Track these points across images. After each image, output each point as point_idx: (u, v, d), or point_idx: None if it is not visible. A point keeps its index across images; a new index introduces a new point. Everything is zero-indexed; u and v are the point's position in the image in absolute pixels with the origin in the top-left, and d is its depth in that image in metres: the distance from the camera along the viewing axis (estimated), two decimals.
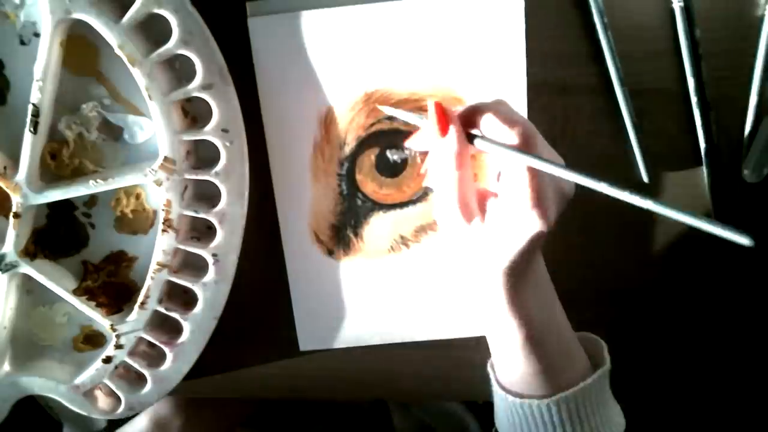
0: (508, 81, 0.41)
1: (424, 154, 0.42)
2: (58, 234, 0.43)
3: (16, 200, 0.40)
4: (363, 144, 0.42)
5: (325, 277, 0.45)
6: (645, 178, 0.42)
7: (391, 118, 0.41)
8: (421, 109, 0.41)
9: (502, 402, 0.37)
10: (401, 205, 0.43)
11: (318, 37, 0.40)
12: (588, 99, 0.42)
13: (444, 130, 0.32)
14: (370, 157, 0.42)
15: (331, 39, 0.40)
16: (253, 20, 0.39)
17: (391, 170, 0.42)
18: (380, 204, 0.43)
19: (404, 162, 0.42)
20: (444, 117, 0.32)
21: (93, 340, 0.46)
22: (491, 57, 0.40)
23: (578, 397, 0.34)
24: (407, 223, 0.43)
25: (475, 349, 0.47)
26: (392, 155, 0.42)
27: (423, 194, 0.43)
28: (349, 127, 0.42)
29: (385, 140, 0.42)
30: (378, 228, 0.44)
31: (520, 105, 0.41)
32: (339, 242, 0.44)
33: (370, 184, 0.43)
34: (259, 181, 0.42)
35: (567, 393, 0.34)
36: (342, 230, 0.44)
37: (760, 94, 0.41)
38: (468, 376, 0.47)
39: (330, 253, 0.44)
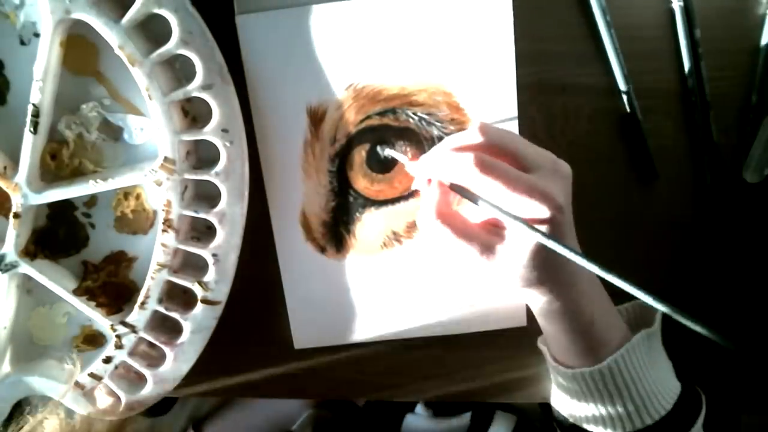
0: (497, 75, 0.41)
1: (414, 154, 0.42)
2: (58, 234, 0.43)
3: (16, 200, 0.40)
4: (353, 140, 0.42)
5: (318, 275, 0.45)
6: (654, 176, 0.42)
7: (381, 114, 0.41)
8: (411, 105, 0.41)
9: (556, 374, 0.39)
10: (393, 201, 0.43)
11: (307, 33, 0.40)
12: (588, 99, 0.42)
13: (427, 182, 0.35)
14: (360, 153, 0.42)
15: (320, 35, 0.40)
16: (241, 17, 0.40)
17: (381, 166, 0.42)
18: (372, 200, 0.43)
19: (395, 157, 0.42)
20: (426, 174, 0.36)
21: (93, 340, 0.46)
22: (480, 51, 0.40)
23: (625, 359, 0.36)
24: (399, 219, 0.43)
25: (475, 349, 0.47)
26: (383, 151, 0.42)
27: (415, 190, 0.43)
28: (339, 123, 0.42)
29: (376, 136, 0.42)
30: (370, 224, 0.44)
31: (509, 100, 0.41)
32: (331, 239, 0.44)
33: (361, 181, 0.43)
34: (256, 180, 0.42)
35: (615, 356, 0.36)
36: (334, 227, 0.44)
37: (760, 94, 0.41)
38: (468, 376, 0.47)
39: (322, 250, 0.44)
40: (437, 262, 0.44)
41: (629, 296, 0.31)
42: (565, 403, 0.40)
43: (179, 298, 0.43)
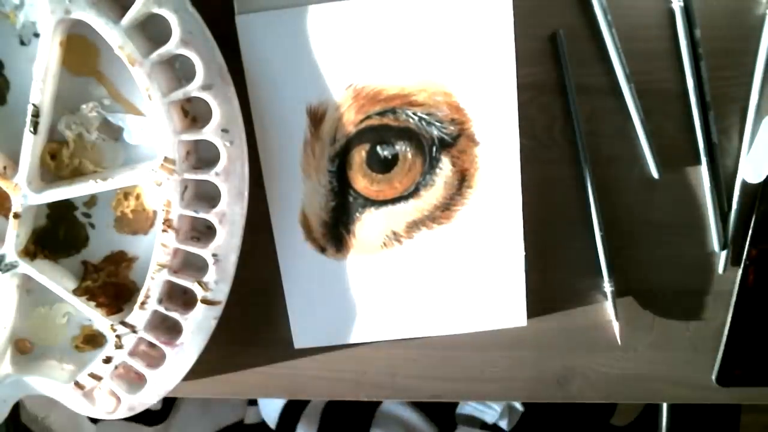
0: (497, 75, 0.40)
1: (415, 153, 0.42)
2: (58, 234, 0.43)
3: (16, 200, 0.40)
4: (353, 140, 0.42)
5: (318, 275, 0.45)
6: (656, 175, 0.42)
7: (381, 114, 0.41)
8: (411, 105, 0.41)
9: None
10: (393, 201, 0.43)
11: (307, 33, 0.40)
12: (588, 99, 0.42)
13: None
14: (360, 153, 0.42)
15: (320, 35, 0.40)
16: (240, 17, 0.40)
17: (382, 166, 0.42)
18: (372, 200, 0.43)
19: (395, 158, 0.42)
20: None
21: (93, 340, 0.46)
22: (480, 51, 0.40)
23: None
24: (399, 219, 0.43)
25: (475, 349, 0.47)
26: (383, 151, 0.42)
27: (414, 190, 0.43)
28: (339, 123, 0.42)
29: (376, 136, 0.42)
30: (370, 224, 0.44)
31: (509, 100, 0.41)
32: (331, 239, 0.44)
33: (361, 180, 0.43)
34: (256, 180, 0.42)
35: None
36: (334, 227, 0.44)
37: (760, 94, 0.41)
38: (468, 376, 0.47)
39: (322, 250, 0.44)
40: (437, 261, 0.44)
41: None
42: None
43: (179, 298, 0.43)
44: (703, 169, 0.42)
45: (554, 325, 0.45)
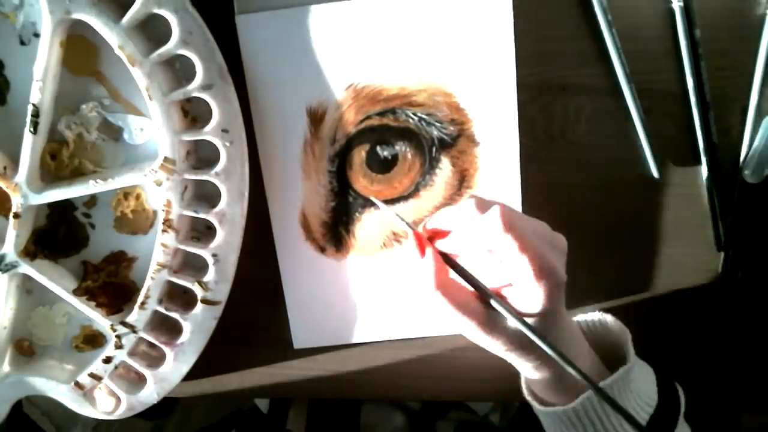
0: (497, 75, 0.41)
1: (415, 153, 0.42)
2: (58, 234, 0.43)
3: (16, 200, 0.40)
4: (353, 140, 0.42)
5: (317, 275, 0.45)
6: (656, 175, 0.42)
7: (381, 114, 0.41)
8: (411, 105, 0.41)
9: (548, 416, 0.38)
10: (392, 201, 0.43)
11: (307, 33, 0.40)
12: (588, 99, 0.42)
13: (421, 253, 0.32)
14: (360, 153, 0.42)
15: (320, 35, 0.40)
16: (240, 17, 0.40)
17: (381, 166, 0.42)
18: (371, 200, 0.43)
19: (395, 158, 0.42)
20: (421, 244, 0.32)
21: (93, 340, 0.46)
22: (480, 51, 0.40)
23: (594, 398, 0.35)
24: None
25: (475, 349, 0.47)
26: (382, 151, 0.42)
27: (414, 190, 0.43)
28: (339, 123, 0.42)
29: (375, 136, 0.42)
30: (370, 224, 0.44)
31: (509, 100, 0.41)
32: (331, 239, 0.44)
33: (361, 181, 0.43)
34: (256, 180, 0.42)
35: (587, 395, 0.35)
36: (334, 227, 0.44)
37: (760, 94, 0.41)
38: (468, 376, 0.47)
39: (322, 250, 0.44)
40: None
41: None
42: None
43: (179, 298, 0.43)
44: (703, 169, 0.42)
45: None
